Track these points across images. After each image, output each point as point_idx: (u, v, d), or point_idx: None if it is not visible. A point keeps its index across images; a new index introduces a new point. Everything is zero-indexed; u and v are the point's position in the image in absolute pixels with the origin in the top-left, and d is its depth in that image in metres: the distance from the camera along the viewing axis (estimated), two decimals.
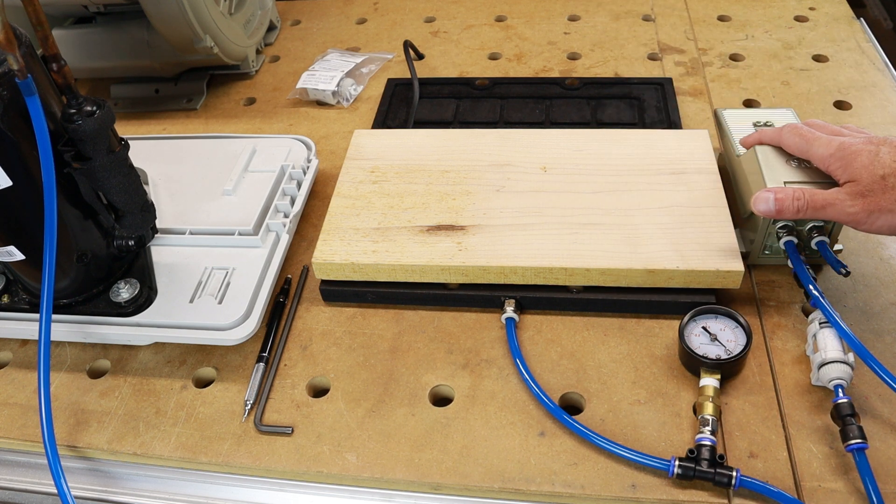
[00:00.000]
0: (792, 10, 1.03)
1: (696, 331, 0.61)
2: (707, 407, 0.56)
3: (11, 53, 0.50)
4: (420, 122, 0.90)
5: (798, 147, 0.61)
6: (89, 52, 0.96)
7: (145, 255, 0.70)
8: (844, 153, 0.57)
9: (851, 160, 0.56)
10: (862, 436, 0.52)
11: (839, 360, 0.55)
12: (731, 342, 0.60)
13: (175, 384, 0.65)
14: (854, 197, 0.55)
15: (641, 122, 0.86)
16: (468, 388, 0.62)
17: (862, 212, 0.55)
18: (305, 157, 0.80)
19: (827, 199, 0.57)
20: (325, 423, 0.61)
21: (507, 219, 0.69)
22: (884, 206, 0.54)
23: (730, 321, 0.61)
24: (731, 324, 0.61)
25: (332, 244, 0.68)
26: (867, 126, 0.82)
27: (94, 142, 0.58)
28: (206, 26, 0.88)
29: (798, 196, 0.58)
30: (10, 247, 0.60)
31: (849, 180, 0.56)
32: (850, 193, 0.56)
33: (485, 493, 0.56)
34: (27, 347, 0.70)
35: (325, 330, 0.68)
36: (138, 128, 0.96)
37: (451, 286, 0.68)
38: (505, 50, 1.02)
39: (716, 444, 0.53)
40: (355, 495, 0.58)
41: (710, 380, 0.57)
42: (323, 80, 0.95)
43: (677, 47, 0.98)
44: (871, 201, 0.55)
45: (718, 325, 0.61)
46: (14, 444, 0.63)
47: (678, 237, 0.65)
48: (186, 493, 0.60)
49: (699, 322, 0.61)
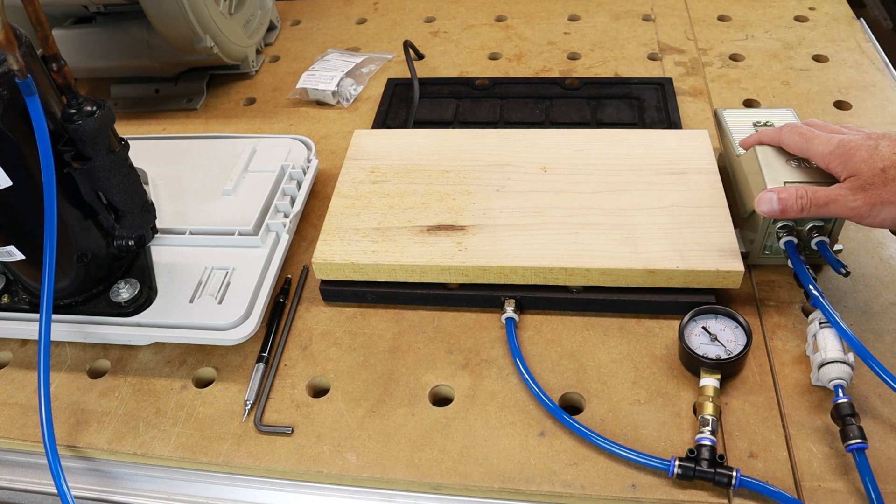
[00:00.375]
0: (792, 10, 1.03)
1: (696, 331, 0.61)
2: (707, 407, 0.56)
3: (11, 53, 0.50)
4: (420, 122, 0.90)
5: (798, 146, 0.61)
6: (89, 52, 0.96)
7: (145, 255, 0.70)
8: (844, 149, 0.57)
9: (851, 156, 0.56)
10: (862, 436, 0.52)
11: (839, 360, 0.55)
12: (731, 342, 0.60)
13: (175, 384, 0.65)
14: (856, 192, 0.56)
15: (641, 122, 0.86)
16: (468, 388, 0.62)
17: (864, 206, 0.55)
18: (305, 157, 0.80)
19: (829, 195, 0.57)
20: (325, 423, 0.61)
21: (507, 219, 0.69)
22: (886, 198, 0.54)
23: (730, 321, 0.61)
24: (731, 324, 0.61)
25: (332, 244, 0.68)
26: (867, 126, 0.82)
27: (94, 142, 0.58)
28: (206, 26, 0.88)
29: (801, 194, 0.58)
30: (10, 247, 0.60)
31: (849, 175, 0.56)
32: (851, 188, 0.56)
33: (485, 493, 0.56)
34: (27, 347, 0.70)
35: (325, 330, 0.68)
36: (138, 128, 0.96)
37: (451, 286, 0.68)
38: (505, 50, 1.02)
39: (716, 444, 0.53)
40: (355, 495, 0.58)
41: (710, 380, 0.58)
42: (323, 80, 0.95)
43: (677, 47, 0.98)
44: (872, 195, 0.55)
45: (718, 325, 0.61)
46: (14, 444, 0.63)
47: (678, 237, 0.65)
48: (186, 493, 0.60)
49: (699, 322, 0.61)
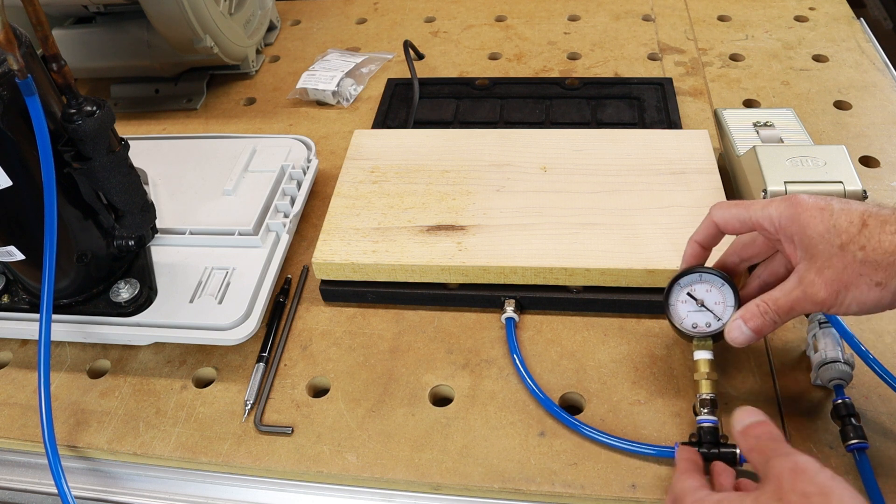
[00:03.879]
0: (792, 10, 1.03)
1: (682, 297, 0.57)
2: (703, 385, 0.55)
3: (11, 53, 0.50)
4: (420, 122, 0.90)
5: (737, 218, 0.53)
6: (89, 52, 0.96)
7: (145, 255, 0.70)
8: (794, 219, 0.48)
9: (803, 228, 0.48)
10: (862, 435, 0.52)
11: (839, 360, 0.55)
12: (720, 304, 0.56)
13: (175, 384, 0.65)
14: (815, 281, 0.48)
15: (641, 122, 0.86)
16: (468, 388, 0.62)
17: (830, 296, 0.47)
18: (305, 157, 0.80)
19: (791, 300, 0.49)
20: (325, 423, 0.61)
21: (507, 219, 0.69)
22: (849, 280, 0.46)
23: (715, 279, 0.57)
24: (717, 282, 0.56)
25: (332, 244, 0.68)
26: (867, 126, 0.82)
27: (94, 142, 0.58)
28: (206, 26, 0.88)
29: (764, 310, 0.50)
30: (10, 247, 0.60)
31: (805, 256, 0.48)
32: (809, 280, 0.48)
33: (485, 493, 0.56)
34: (27, 347, 0.70)
35: (325, 330, 0.68)
36: (138, 128, 0.96)
37: (451, 286, 0.68)
38: (505, 50, 1.02)
39: (717, 424, 0.53)
40: (355, 495, 0.58)
41: (704, 353, 0.56)
42: (323, 80, 0.95)
43: (677, 47, 0.98)
44: (835, 280, 0.47)
45: (703, 288, 0.57)
46: (14, 444, 0.63)
47: (678, 237, 0.65)
48: (186, 493, 0.60)
49: (683, 288, 0.57)
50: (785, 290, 0.50)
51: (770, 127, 0.71)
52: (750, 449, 0.46)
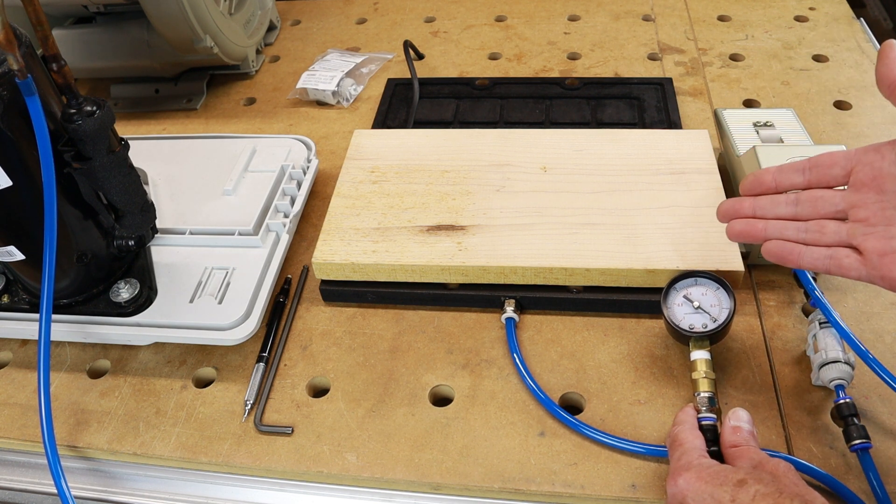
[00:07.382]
0: (792, 10, 1.03)
1: (678, 300, 0.60)
2: (702, 384, 0.55)
3: (11, 53, 0.50)
4: (420, 122, 0.90)
5: None
6: (89, 52, 0.96)
7: (145, 255, 0.70)
8: None
9: None
10: (865, 435, 0.52)
11: (839, 360, 0.55)
12: (715, 307, 0.58)
13: (175, 384, 0.65)
14: None
15: (641, 122, 0.86)
16: (468, 388, 0.62)
17: None
18: (305, 157, 0.80)
19: None
20: (325, 423, 0.61)
21: (507, 219, 0.69)
22: None
23: (711, 283, 0.59)
24: (712, 286, 0.59)
25: (332, 244, 0.68)
26: (867, 126, 0.82)
27: (94, 142, 0.58)
28: (206, 26, 0.88)
29: None
30: (10, 247, 0.60)
31: None
32: None
33: (485, 493, 0.56)
34: (27, 347, 0.70)
35: (325, 330, 0.68)
36: (138, 128, 0.96)
37: (451, 286, 0.68)
38: (505, 50, 1.02)
39: (716, 423, 0.53)
40: (355, 495, 0.58)
41: (701, 353, 0.57)
42: (323, 80, 0.95)
43: (677, 47, 0.98)
44: None
45: (700, 291, 0.59)
46: (14, 444, 0.63)
47: (678, 237, 0.65)
48: (186, 493, 0.60)
49: (680, 291, 0.60)
50: None
51: (770, 127, 0.71)
52: (732, 444, 0.50)
